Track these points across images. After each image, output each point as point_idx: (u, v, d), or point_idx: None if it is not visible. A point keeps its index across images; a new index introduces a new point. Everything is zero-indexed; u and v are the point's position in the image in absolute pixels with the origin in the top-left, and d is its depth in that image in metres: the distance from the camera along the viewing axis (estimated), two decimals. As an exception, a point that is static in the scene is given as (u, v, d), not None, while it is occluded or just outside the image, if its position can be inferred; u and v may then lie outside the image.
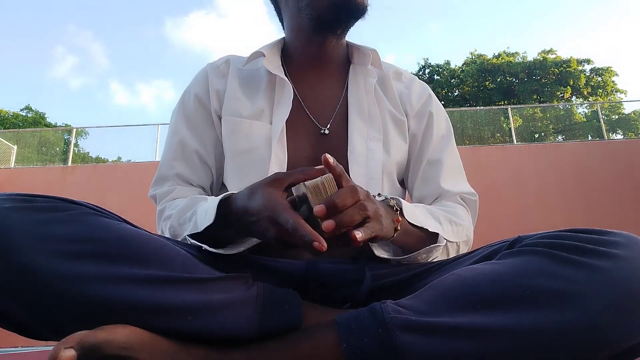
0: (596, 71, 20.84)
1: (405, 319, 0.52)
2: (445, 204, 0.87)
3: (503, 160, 8.97)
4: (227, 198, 0.68)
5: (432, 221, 0.77)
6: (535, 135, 12.23)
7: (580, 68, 20.67)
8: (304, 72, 0.92)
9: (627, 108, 19.92)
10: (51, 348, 0.47)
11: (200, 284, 0.57)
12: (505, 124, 10.65)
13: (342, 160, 0.83)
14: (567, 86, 20.21)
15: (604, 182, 8.56)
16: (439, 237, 0.76)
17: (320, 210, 0.55)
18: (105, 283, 0.51)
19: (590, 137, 11.43)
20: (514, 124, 10.33)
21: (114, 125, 10.70)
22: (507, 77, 21.59)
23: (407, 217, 0.72)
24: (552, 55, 21.41)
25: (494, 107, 12.07)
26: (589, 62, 20.78)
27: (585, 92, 20.48)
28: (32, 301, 0.51)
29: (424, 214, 0.77)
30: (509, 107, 10.66)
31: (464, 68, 22.56)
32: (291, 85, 0.87)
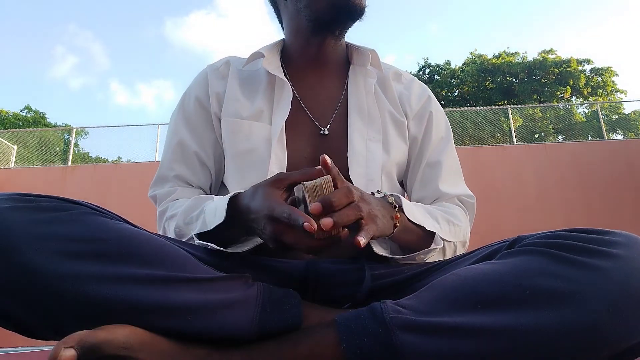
0: (596, 71, 20.83)
1: (405, 318, 0.52)
2: (443, 205, 0.87)
3: (503, 160, 8.96)
4: (235, 197, 0.68)
5: (430, 220, 0.78)
6: (535, 135, 12.22)
7: (580, 68, 20.66)
8: (304, 72, 0.92)
9: (627, 108, 19.93)
10: (51, 348, 0.47)
11: (200, 283, 0.57)
12: (505, 124, 10.64)
13: (342, 160, 0.83)
14: (567, 86, 20.20)
15: (604, 182, 8.56)
16: (435, 236, 0.76)
17: (316, 207, 0.56)
18: (106, 283, 0.52)
19: (590, 137, 11.41)
20: (514, 124, 10.32)
21: (114, 125, 10.67)
22: (507, 77, 21.58)
23: (407, 214, 0.72)
24: (552, 55, 21.41)
25: (494, 107, 12.05)
26: (589, 62, 20.78)
27: (585, 92, 20.48)
28: (32, 301, 0.51)
29: (423, 213, 0.78)
30: (509, 107, 10.65)
31: (464, 68, 22.54)
32: (290, 86, 0.87)
